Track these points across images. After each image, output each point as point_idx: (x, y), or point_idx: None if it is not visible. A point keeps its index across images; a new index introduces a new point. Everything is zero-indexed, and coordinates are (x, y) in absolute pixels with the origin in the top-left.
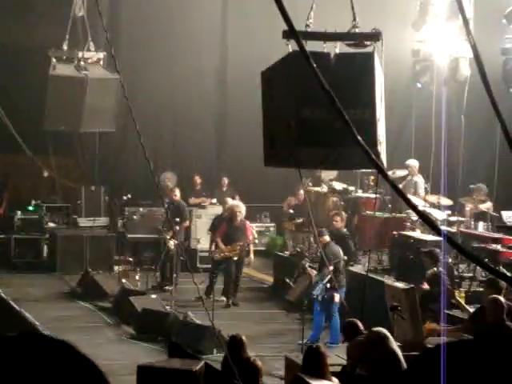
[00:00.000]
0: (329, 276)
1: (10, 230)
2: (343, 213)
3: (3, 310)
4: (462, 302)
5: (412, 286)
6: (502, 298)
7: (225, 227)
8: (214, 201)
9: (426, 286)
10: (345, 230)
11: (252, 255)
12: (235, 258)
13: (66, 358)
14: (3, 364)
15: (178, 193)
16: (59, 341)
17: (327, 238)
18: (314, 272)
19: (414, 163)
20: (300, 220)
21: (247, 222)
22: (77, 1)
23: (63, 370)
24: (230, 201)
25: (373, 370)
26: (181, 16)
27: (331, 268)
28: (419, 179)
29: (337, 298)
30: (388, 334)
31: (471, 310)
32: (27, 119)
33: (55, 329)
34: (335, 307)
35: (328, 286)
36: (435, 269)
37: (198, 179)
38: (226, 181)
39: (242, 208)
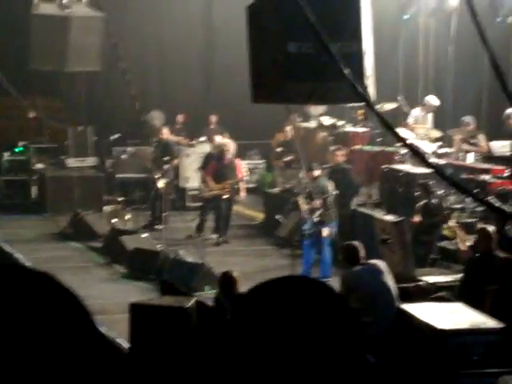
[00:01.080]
0: (319, 211)
1: None
2: (331, 148)
3: None
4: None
5: (402, 218)
6: (490, 228)
7: (214, 165)
8: (203, 139)
9: (417, 219)
10: (345, 164)
11: (243, 193)
12: (225, 196)
13: (46, 288)
14: None
15: (165, 131)
16: (39, 272)
17: (316, 172)
18: (306, 207)
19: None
20: (289, 158)
21: (237, 160)
22: None
23: (43, 299)
24: (218, 139)
25: (364, 303)
26: None
27: (319, 202)
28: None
29: (325, 232)
30: (384, 268)
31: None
32: (12, 60)
33: (47, 270)
34: (325, 241)
35: (317, 220)
36: (426, 200)
37: (180, 118)
38: (214, 118)
39: (231, 146)
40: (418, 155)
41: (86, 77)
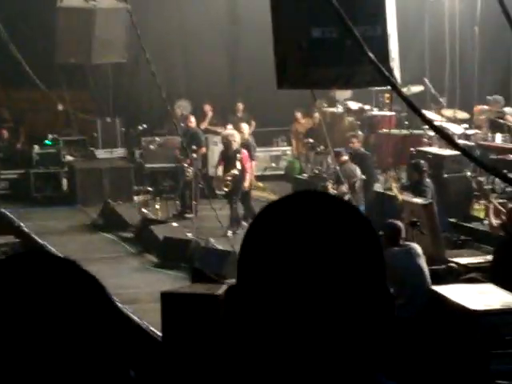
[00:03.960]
0: (347, 196)
1: (28, 164)
2: (359, 133)
3: (28, 244)
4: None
5: (431, 200)
6: None
7: (221, 157)
8: (230, 127)
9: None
10: (363, 149)
11: (246, 183)
12: (225, 189)
13: (68, 274)
14: (7, 281)
15: (193, 120)
16: (61, 258)
17: (345, 157)
18: (335, 192)
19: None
20: (321, 147)
21: (243, 150)
22: None
23: (64, 286)
24: (245, 127)
25: (398, 284)
26: None
27: (344, 187)
28: None
29: None
30: (420, 251)
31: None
32: (39, 54)
33: (79, 260)
34: None
35: None
36: (417, 180)
37: (207, 108)
38: (240, 106)
39: (236, 136)
40: (445, 137)
41: (112, 68)
